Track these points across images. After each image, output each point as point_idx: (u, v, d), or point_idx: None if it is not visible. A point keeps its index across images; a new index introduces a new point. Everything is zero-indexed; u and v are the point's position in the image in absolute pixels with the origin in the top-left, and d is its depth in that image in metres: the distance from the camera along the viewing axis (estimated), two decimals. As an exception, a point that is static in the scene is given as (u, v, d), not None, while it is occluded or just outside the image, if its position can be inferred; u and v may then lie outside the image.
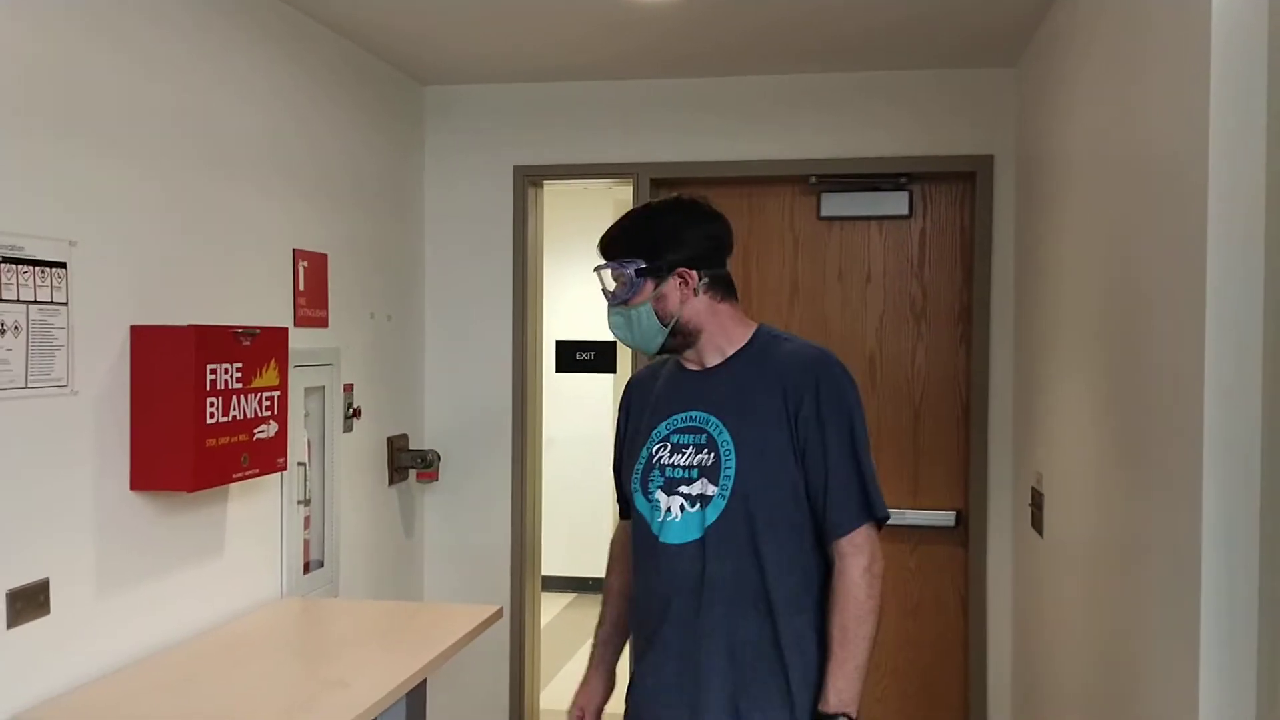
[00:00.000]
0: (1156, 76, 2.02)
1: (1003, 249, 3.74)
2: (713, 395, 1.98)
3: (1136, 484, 2.11)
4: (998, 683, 3.77)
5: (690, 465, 1.95)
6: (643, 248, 1.98)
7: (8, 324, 2.08)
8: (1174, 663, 1.82)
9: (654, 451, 2.00)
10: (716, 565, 1.92)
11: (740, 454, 1.92)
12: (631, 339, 2.01)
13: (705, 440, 1.96)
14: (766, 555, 1.92)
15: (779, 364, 1.97)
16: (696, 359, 2.03)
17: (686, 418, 1.99)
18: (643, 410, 2.08)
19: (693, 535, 1.94)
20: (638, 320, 1.98)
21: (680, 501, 1.95)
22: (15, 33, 2.13)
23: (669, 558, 1.96)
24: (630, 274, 1.97)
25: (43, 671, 2.18)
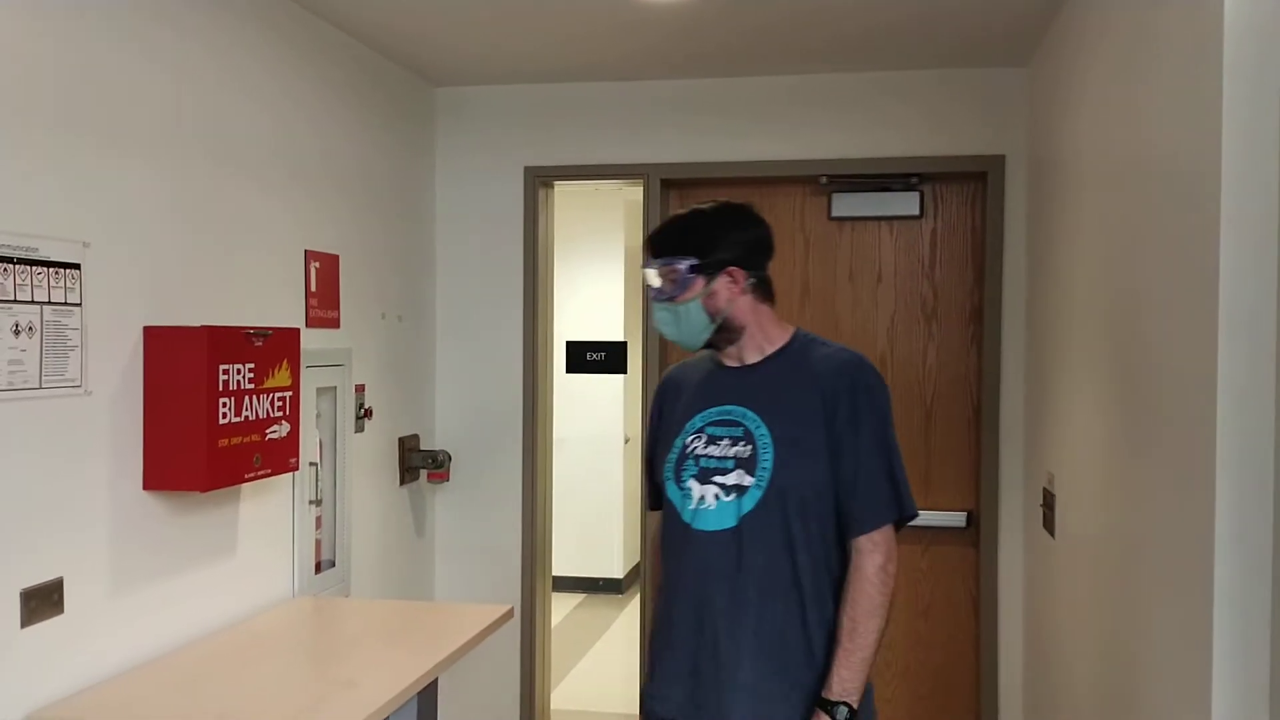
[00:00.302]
0: (1168, 76, 2.02)
1: (1014, 249, 3.73)
2: (750, 391, 2.07)
3: (1148, 484, 2.10)
4: (1009, 683, 3.76)
5: (725, 456, 2.03)
6: (695, 246, 2.07)
7: (22, 325, 2.09)
8: (1186, 663, 1.82)
9: (688, 442, 2.08)
10: (751, 553, 1.99)
11: (777, 448, 2.00)
12: (677, 334, 2.09)
13: (742, 433, 2.03)
14: (798, 546, 1.99)
15: (816, 366, 2.06)
16: (737, 356, 2.11)
17: (723, 411, 2.07)
18: (676, 403, 2.16)
19: (728, 523, 2.01)
20: (686, 316, 2.07)
21: (715, 490, 2.02)
22: (27, 34, 2.14)
23: (702, 544, 2.02)
24: (683, 270, 2.05)
25: (56, 670, 2.20)
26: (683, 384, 2.19)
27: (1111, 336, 2.44)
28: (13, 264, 2.07)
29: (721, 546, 2.01)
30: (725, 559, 2.01)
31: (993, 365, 3.76)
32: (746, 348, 2.10)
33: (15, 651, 2.09)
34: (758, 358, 2.10)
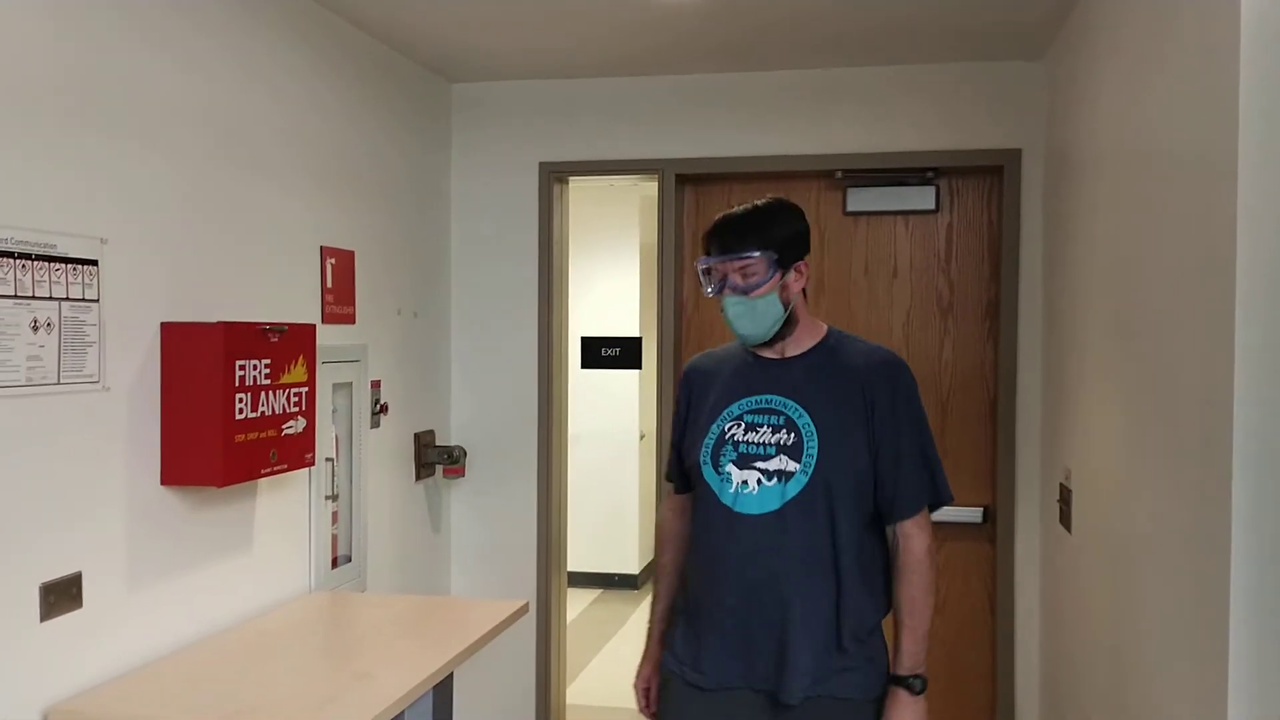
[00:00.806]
0: (1185, 69, 2.00)
1: (1030, 243, 3.71)
2: (792, 382, 2.15)
3: (1166, 480, 2.09)
4: (1026, 679, 3.75)
5: (767, 443, 2.11)
6: (771, 240, 2.12)
7: (40, 321, 2.11)
8: (1203, 661, 1.81)
9: (726, 428, 2.15)
10: (795, 535, 2.08)
11: (822, 436, 2.09)
12: (753, 327, 2.14)
13: (784, 421, 2.11)
14: (840, 530, 2.09)
15: (856, 361, 2.17)
16: (779, 349, 2.19)
17: (763, 400, 2.15)
18: (708, 391, 2.23)
19: (771, 506, 2.09)
20: (763, 308, 2.12)
21: (757, 475, 2.10)
22: (45, 32, 2.15)
23: (746, 527, 2.10)
24: (767, 263, 2.10)
25: (75, 664, 2.21)
26: (713, 374, 2.25)
27: (1129, 331, 2.43)
28: (31, 260, 2.08)
29: (765, 529, 2.09)
30: (769, 541, 2.09)
31: (1009, 360, 3.75)
32: (793, 341, 2.18)
33: (35, 645, 2.11)
34: (798, 351, 2.18)
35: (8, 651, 2.05)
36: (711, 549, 2.15)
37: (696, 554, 2.21)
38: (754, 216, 2.15)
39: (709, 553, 2.16)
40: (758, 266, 2.10)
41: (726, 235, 2.13)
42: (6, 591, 2.05)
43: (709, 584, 2.16)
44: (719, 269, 2.13)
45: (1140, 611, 2.28)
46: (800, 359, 2.18)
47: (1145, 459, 2.26)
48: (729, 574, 2.12)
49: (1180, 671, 1.97)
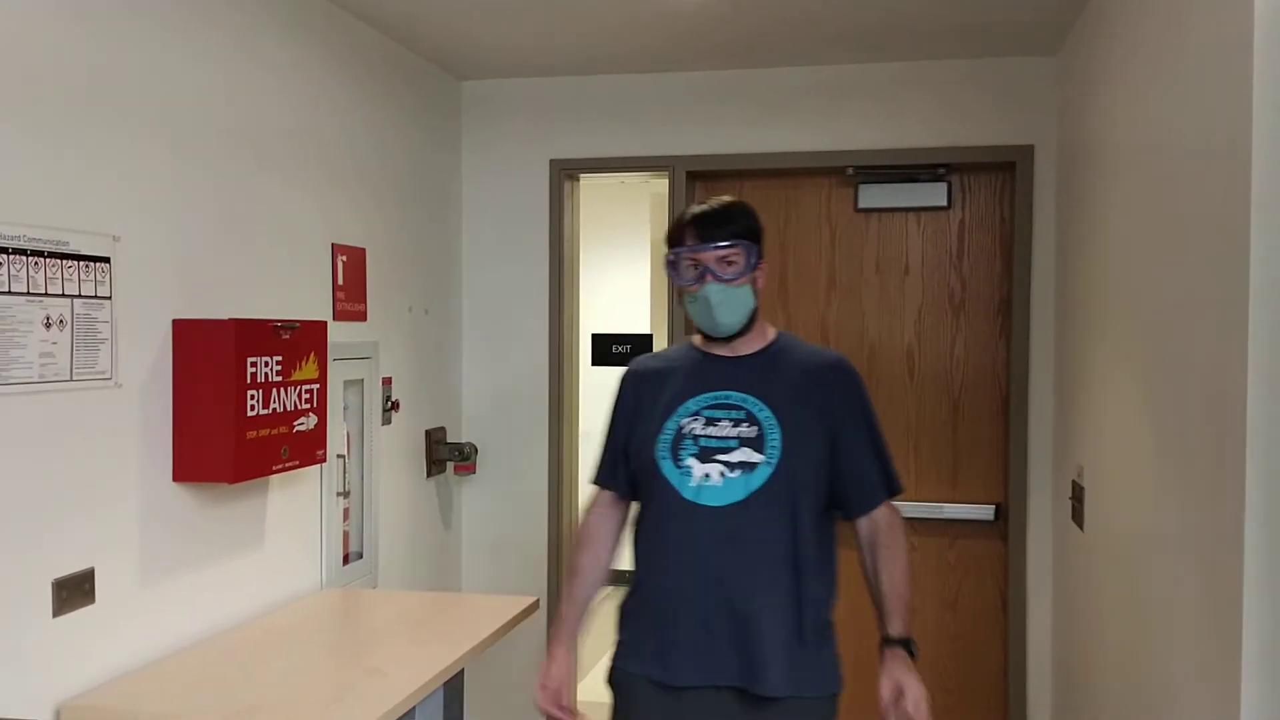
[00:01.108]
0: (1199, 64, 1.99)
1: (1043, 240, 3.69)
2: (748, 379, 2.18)
3: (1179, 478, 2.08)
4: (1038, 676, 3.74)
5: (728, 435, 2.13)
6: (750, 231, 2.18)
7: (53, 318, 2.12)
8: (1215, 660, 1.80)
9: (684, 424, 2.16)
10: (759, 526, 2.10)
11: (784, 430, 2.12)
12: (730, 316, 2.16)
13: (744, 415, 2.14)
14: (800, 521, 2.12)
15: (808, 361, 2.23)
16: (733, 346, 2.22)
17: (720, 396, 2.17)
18: (659, 390, 2.24)
19: (735, 498, 2.10)
20: (741, 298, 2.16)
21: (720, 468, 2.11)
22: (58, 29, 2.16)
23: (708, 519, 2.11)
24: (751, 252, 2.15)
25: (87, 659, 2.22)
26: (663, 373, 2.27)
27: (1143, 327, 2.42)
28: (43, 257, 2.09)
29: (729, 520, 2.10)
30: (733, 532, 2.10)
31: (1021, 357, 3.73)
32: (745, 340, 2.21)
33: (47, 640, 2.12)
34: (750, 350, 2.22)
35: (21, 647, 2.06)
36: (672, 544, 2.14)
37: (655, 551, 2.18)
38: (731, 209, 2.19)
39: (670, 548, 2.15)
40: (739, 255, 2.14)
41: (708, 226, 2.15)
42: (19, 587, 2.06)
43: (671, 580, 2.14)
44: (701, 258, 2.14)
45: (1153, 608, 2.26)
46: (754, 357, 2.22)
47: (1159, 456, 2.24)
48: (693, 567, 2.12)
49: (1193, 668, 1.96)
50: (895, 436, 3.89)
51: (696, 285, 2.15)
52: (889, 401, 3.91)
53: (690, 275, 2.16)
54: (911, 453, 3.90)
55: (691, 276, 2.15)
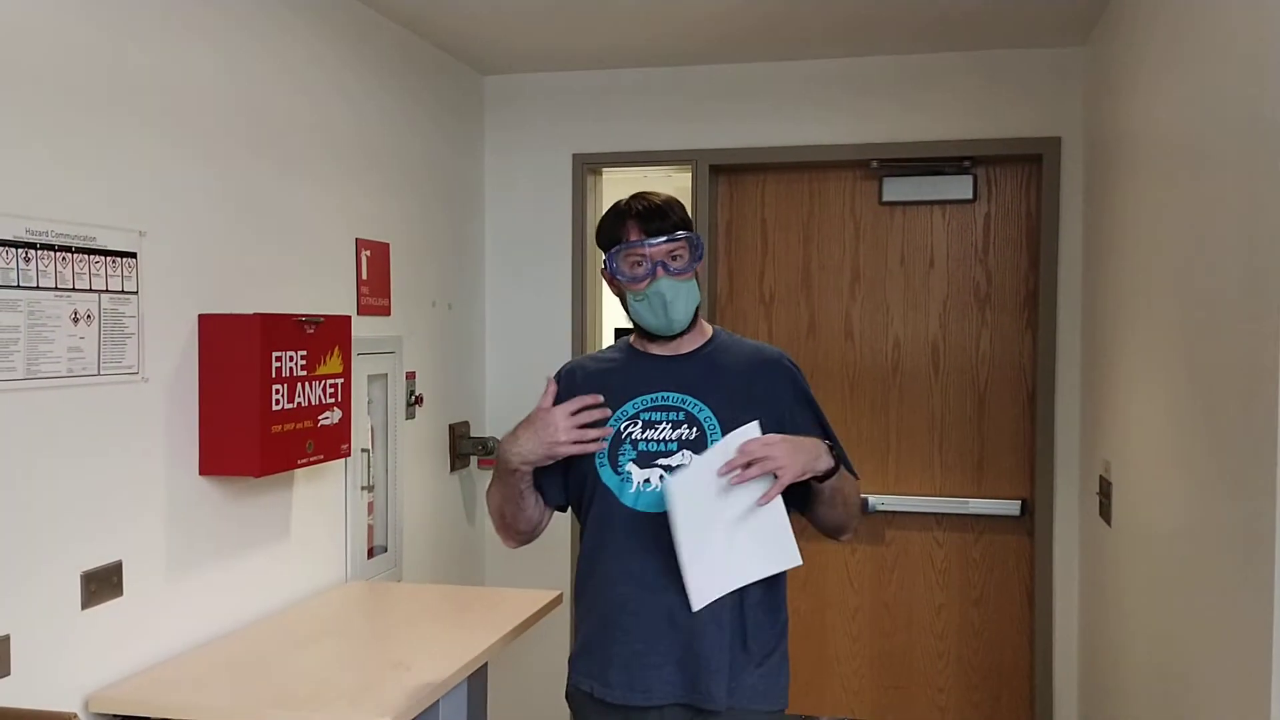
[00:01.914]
0: (1232, 53, 1.96)
1: (1070, 233, 3.66)
2: (688, 379, 2.09)
3: (1210, 473, 2.06)
4: (1064, 673, 3.71)
5: (668, 439, 2.04)
6: (688, 223, 2.10)
7: (80, 313, 2.13)
8: (1245, 658, 1.77)
9: (622, 428, 2.07)
10: None
11: (725, 429, 1.99)
12: (682, 311, 2.07)
13: (684, 417, 2.05)
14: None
15: (748, 357, 2.14)
16: (672, 345, 2.12)
17: (658, 398, 2.08)
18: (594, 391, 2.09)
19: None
20: (690, 291, 2.08)
21: (660, 473, 2.02)
22: (83, 26, 2.17)
23: (648, 526, 2.00)
24: (695, 244, 2.07)
25: (115, 651, 2.24)
26: (599, 375, 2.16)
27: (1172, 322, 2.39)
28: (71, 253, 2.11)
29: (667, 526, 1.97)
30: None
31: (1048, 351, 3.70)
32: (686, 338, 2.12)
33: (76, 633, 2.14)
34: (690, 348, 2.13)
35: (50, 639, 2.08)
36: (612, 552, 2.04)
37: (597, 559, 2.07)
38: (669, 202, 2.10)
39: (610, 557, 2.04)
40: (684, 248, 2.06)
41: (651, 219, 2.06)
42: (48, 580, 2.08)
43: (611, 589, 2.04)
44: (649, 253, 2.04)
45: (1182, 605, 2.24)
46: (692, 356, 2.12)
47: (1189, 451, 2.22)
48: (633, 576, 2.01)
49: (1223, 665, 1.94)
50: (920, 431, 3.88)
51: (645, 282, 2.04)
52: (914, 396, 3.89)
53: (636, 273, 2.05)
54: (937, 447, 3.88)
55: (638, 274, 2.05)
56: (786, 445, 1.89)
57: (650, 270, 2.05)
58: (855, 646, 3.95)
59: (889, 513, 3.90)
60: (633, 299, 2.09)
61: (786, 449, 1.88)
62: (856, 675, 3.95)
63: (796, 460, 1.88)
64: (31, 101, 2.03)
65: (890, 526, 3.91)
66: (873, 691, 3.93)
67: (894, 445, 3.92)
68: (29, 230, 2.02)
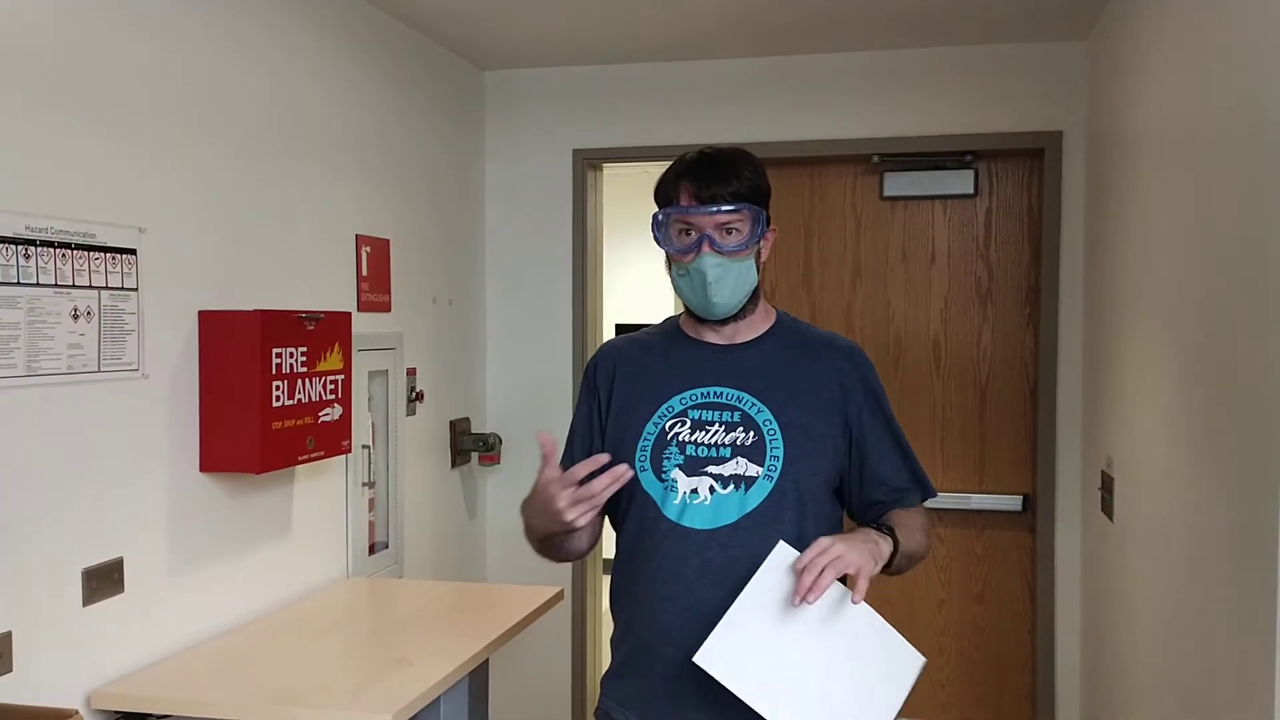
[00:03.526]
0: (1237, 46, 1.95)
1: (1072, 228, 3.65)
2: (745, 372, 1.82)
3: (1213, 468, 2.05)
4: (1066, 667, 3.71)
5: (721, 444, 1.77)
6: (758, 191, 1.78)
7: (80, 309, 2.13)
8: (1248, 653, 1.77)
9: (668, 426, 1.80)
10: (755, 554, 1.69)
11: (787, 435, 1.77)
12: (729, 294, 1.79)
13: (739, 419, 1.78)
14: (805, 544, 1.67)
15: (818, 349, 1.86)
16: (728, 332, 1.85)
17: (711, 393, 1.81)
18: (635, 382, 1.87)
19: (727, 519, 1.75)
20: (741, 274, 1.78)
21: (710, 483, 1.76)
22: (84, 25, 2.17)
23: (695, 544, 1.75)
24: (756, 217, 1.76)
25: (117, 648, 2.24)
26: (640, 362, 1.89)
27: (1175, 317, 2.38)
28: (71, 249, 2.10)
29: (719, 546, 1.74)
30: (723, 561, 1.73)
31: (1049, 346, 3.70)
32: (746, 324, 1.85)
33: (77, 629, 2.14)
34: (751, 335, 1.85)
35: (51, 636, 2.08)
36: (650, 572, 1.77)
37: (634, 577, 1.81)
38: (735, 162, 1.78)
39: (648, 576, 1.78)
40: (744, 221, 1.76)
41: (708, 182, 1.75)
42: (50, 576, 2.08)
43: (648, 612, 1.78)
44: (696, 222, 1.75)
45: (1185, 599, 2.24)
46: (753, 345, 1.84)
47: (1192, 446, 2.21)
48: (674, 601, 1.75)
49: (1225, 659, 1.93)
50: (921, 426, 3.87)
51: (690, 255, 1.76)
52: (915, 391, 3.89)
53: (683, 243, 1.77)
54: (938, 443, 3.88)
55: (684, 244, 1.77)
56: (843, 544, 1.62)
57: (696, 243, 1.75)
58: (857, 642, 3.94)
59: (890, 508, 3.89)
60: (676, 271, 1.81)
61: (846, 547, 1.61)
62: (858, 671, 3.94)
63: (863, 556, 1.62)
64: (31, 98, 2.03)
65: (892, 522, 3.91)
66: None
67: (895, 440, 3.91)
68: (29, 227, 2.01)
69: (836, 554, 1.58)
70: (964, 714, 3.86)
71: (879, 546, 1.68)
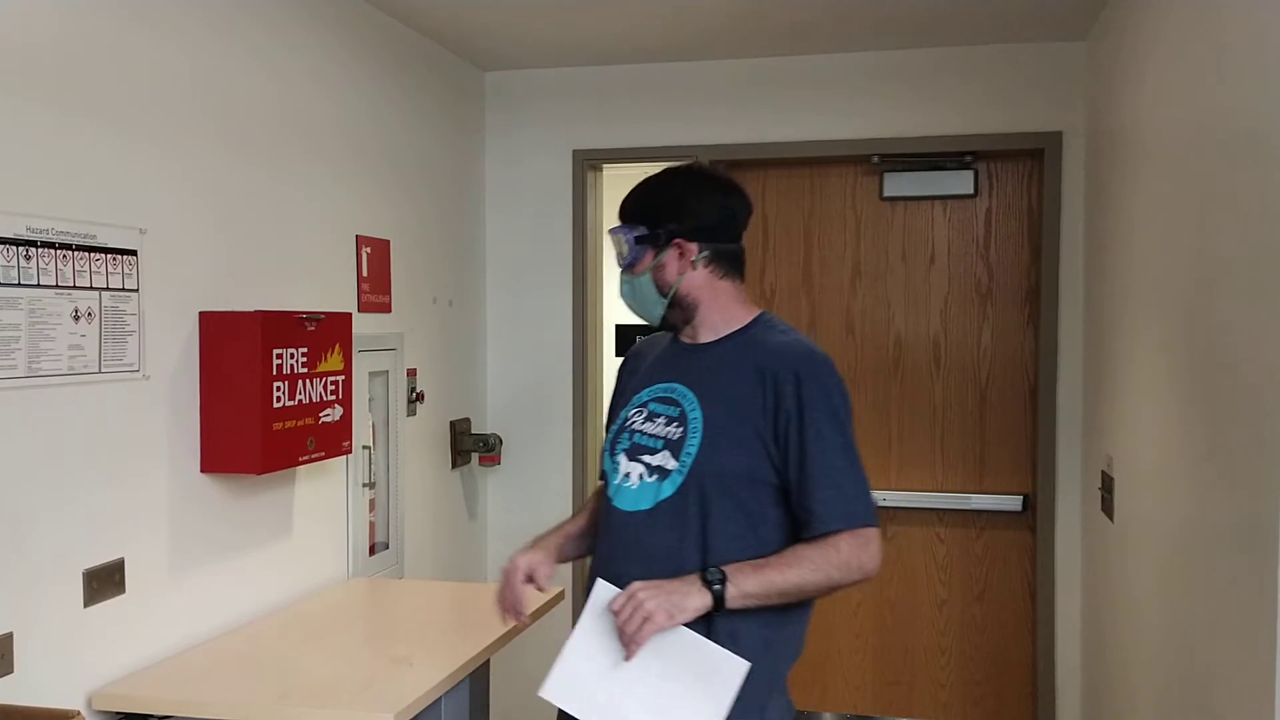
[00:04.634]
0: (1234, 46, 1.96)
1: (1071, 228, 3.65)
2: (696, 372, 1.92)
3: (1212, 469, 2.05)
4: (1067, 667, 3.71)
5: (658, 435, 1.90)
6: (647, 215, 1.94)
7: (81, 310, 2.13)
8: (1248, 652, 1.77)
9: (629, 416, 1.97)
10: (661, 539, 1.84)
11: (706, 433, 1.85)
12: (635, 307, 1.99)
13: (678, 414, 1.89)
14: (714, 540, 1.81)
15: (766, 353, 1.89)
16: (692, 335, 1.97)
17: (668, 388, 1.94)
18: (633, 375, 2.05)
19: (644, 505, 1.87)
20: (640, 288, 1.95)
21: (640, 470, 1.89)
22: (81, 24, 2.17)
23: (618, 524, 1.90)
24: (631, 240, 1.93)
25: (118, 649, 2.24)
26: (644, 358, 2.07)
27: (1175, 317, 2.38)
28: (72, 251, 2.11)
29: (635, 528, 1.87)
30: (634, 543, 1.86)
31: (1049, 346, 3.70)
32: (701, 327, 1.94)
33: (79, 630, 2.14)
34: (711, 337, 1.94)
35: (53, 636, 2.08)
36: (597, 547, 1.97)
37: (595, 557, 1.99)
38: (640, 187, 1.96)
39: (596, 551, 1.98)
40: (623, 243, 1.93)
41: (621, 205, 1.97)
42: (51, 577, 2.08)
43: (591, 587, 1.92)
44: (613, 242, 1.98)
45: (1185, 600, 2.24)
46: (712, 346, 1.94)
47: (1192, 446, 2.21)
48: (602, 571, 1.89)
49: (1226, 659, 1.93)
50: (921, 427, 3.87)
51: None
52: (915, 392, 3.89)
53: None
54: (938, 443, 3.88)
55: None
56: (651, 599, 1.72)
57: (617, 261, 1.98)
58: (857, 642, 3.95)
59: (891, 509, 3.90)
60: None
61: (654, 604, 1.71)
62: (859, 671, 3.95)
63: (661, 613, 1.71)
64: (32, 99, 2.03)
65: (892, 522, 3.91)
66: (875, 687, 3.93)
67: (895, 441, 3.92)
68: (30, 228, 2.02)
69: (646, 613, 1.72)
70: (964, 714, 3.86)
71: (685, 600, 1.73)
